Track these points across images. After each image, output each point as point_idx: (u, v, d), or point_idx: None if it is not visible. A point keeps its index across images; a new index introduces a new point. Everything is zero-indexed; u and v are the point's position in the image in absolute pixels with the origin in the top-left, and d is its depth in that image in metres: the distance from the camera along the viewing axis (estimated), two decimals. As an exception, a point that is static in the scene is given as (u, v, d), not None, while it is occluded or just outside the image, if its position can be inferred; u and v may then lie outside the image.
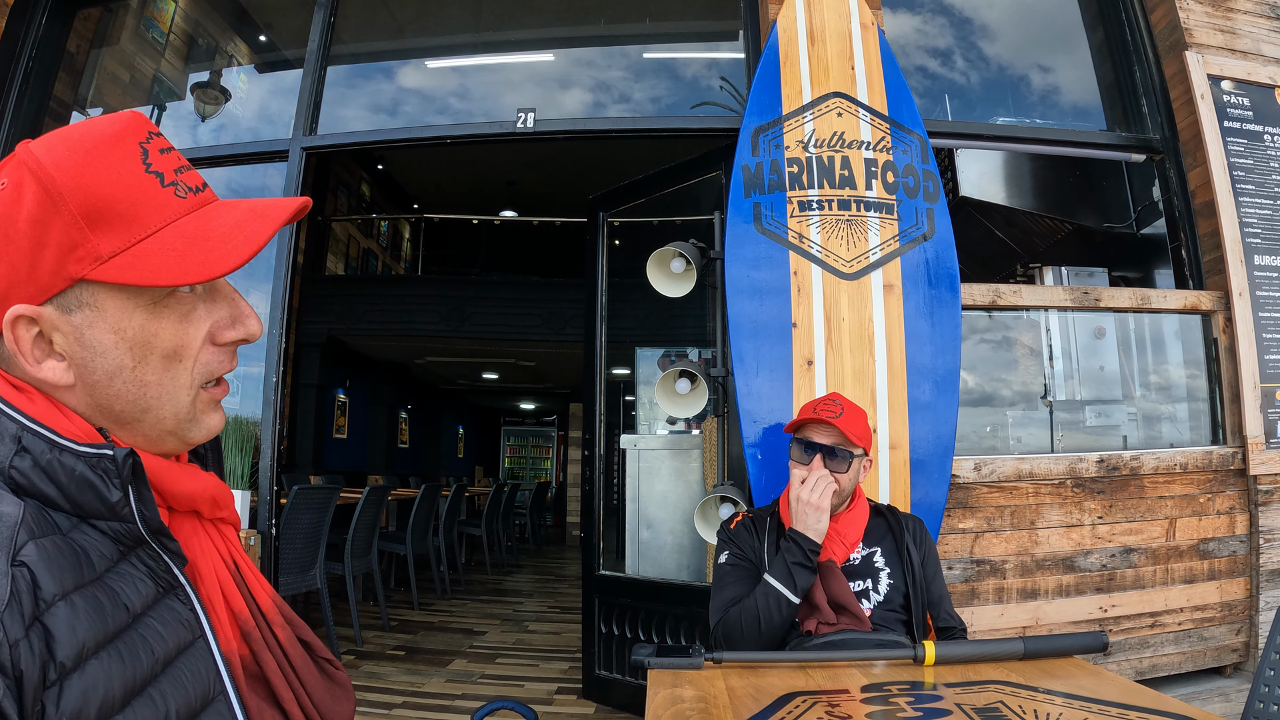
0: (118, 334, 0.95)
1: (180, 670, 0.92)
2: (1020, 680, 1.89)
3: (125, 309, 0.95)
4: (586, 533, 5.35)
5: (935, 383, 3.74)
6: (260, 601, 1.10)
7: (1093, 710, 1.65)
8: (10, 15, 5.44)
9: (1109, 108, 5.03)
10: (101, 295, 0.94)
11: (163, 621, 0.92)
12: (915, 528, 2.85)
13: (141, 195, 0.94)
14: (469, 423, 25.58)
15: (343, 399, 15.17)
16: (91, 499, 0.89)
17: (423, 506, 8.66)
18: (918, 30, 5.08)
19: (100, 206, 0.90)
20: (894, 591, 2.70)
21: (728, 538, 2.92)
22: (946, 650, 2.05)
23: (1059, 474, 4.02)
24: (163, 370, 0.99)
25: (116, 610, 0.87)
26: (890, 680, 1.92)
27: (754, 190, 3.93)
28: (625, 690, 4.88)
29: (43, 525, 0.86)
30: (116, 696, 0.83)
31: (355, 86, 5.65)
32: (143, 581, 0.92)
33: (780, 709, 1.70)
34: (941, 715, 1.63)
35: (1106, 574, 4.02)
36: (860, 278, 3.81)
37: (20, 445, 0.89)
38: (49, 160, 0.89)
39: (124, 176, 0.93)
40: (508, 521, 13.26)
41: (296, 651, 1.11)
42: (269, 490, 4.46)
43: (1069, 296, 4.30)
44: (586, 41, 5.83)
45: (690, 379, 4.23)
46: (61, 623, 0.80)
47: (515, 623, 7.97)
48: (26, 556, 0.81)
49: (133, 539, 0.93)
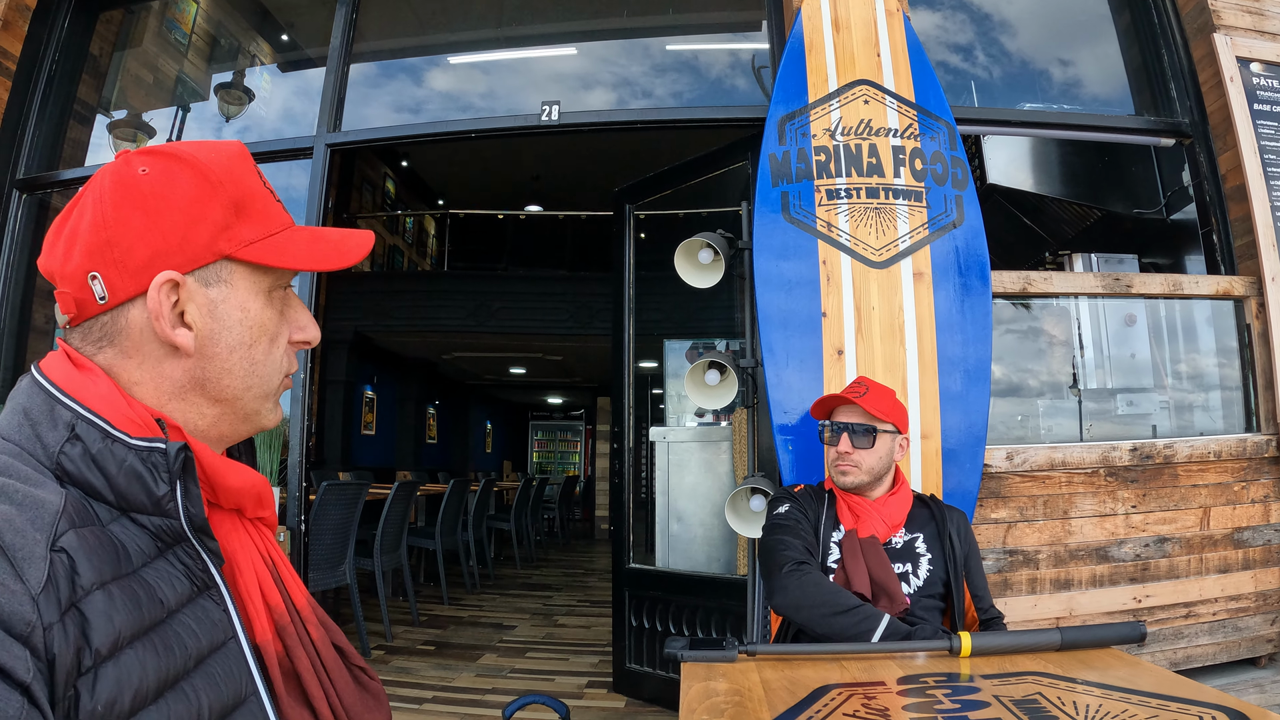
0: (244, 312, 1.05)
1: (213, 668, 0.92)
2: (1058, 671, 1.86)
3: (251, 291, 1.06)
4: (616, 526, 5.34)
5: (966, 371, 3.71)
6: (296, 601, 1.11)
7: (1132, 701, 1.63)
8: (33, 18, 5.48)
9: (1137, 92, 4.97)
10: (237, 275, 1.04)
11: (196, 620, 0.93)
12: (959, 520, 2.85)
13: (268, 201, 1.08)
14: (497, 418, 25.65)
15: (370, 395, 15.24)
16: (138, 491, 0.91)
17: (452, 502, 8.68)
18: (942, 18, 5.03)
19: (245, 200, 1.03)
20: (933, 578, 2.70)
21: (789, 496, 2.93)
22: (983, 641, 2.02)
23: (1092, 463, 3.98)
24: (266, 352, 1.09)
25: (152, 604, 0.88)
26: (927, 672, 1.90)
27: (781, 179, 3.90)
28: (656, 683, 4.87)
29: (83, 515, 0.87)
30: (150, 687, 0.83)
31: (379, 86, 5.66)
32: (179, 580, 0.93)
33: (816, 701, 1.69)
34: (979, 707, 1.61)
35: (1140, 564, 3.98)
36: (890, 266, 3.78)
37: (73, 433, 0.91)
38: (198, 155, 1.01)
39: (257, 184, 1.07)
40: (536, 516, 13.27)
41: (329, 654, 1.12)
42: (298, 486, 4.47)
43: (1100, 283, 4.25)
44: (609, 34, 5.81)
45: (719, 370, 4.21)
46: (98, 610, 0.81)
47: (545, 616, 7.98)
48: (66, 543, 0.82)
49: (173, 535, 0.94)
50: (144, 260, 0.97)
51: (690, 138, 4.94)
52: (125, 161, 0.99)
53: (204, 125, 6.14)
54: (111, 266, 0.96)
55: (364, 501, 6.48)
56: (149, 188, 0.97)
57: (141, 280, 0.97)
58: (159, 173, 0.98)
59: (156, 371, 1.01)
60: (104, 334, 1.00)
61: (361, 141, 5.07)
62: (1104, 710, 1.56)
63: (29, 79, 5.50)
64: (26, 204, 5.46)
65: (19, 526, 0.79)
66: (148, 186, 0.97)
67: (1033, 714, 1.54)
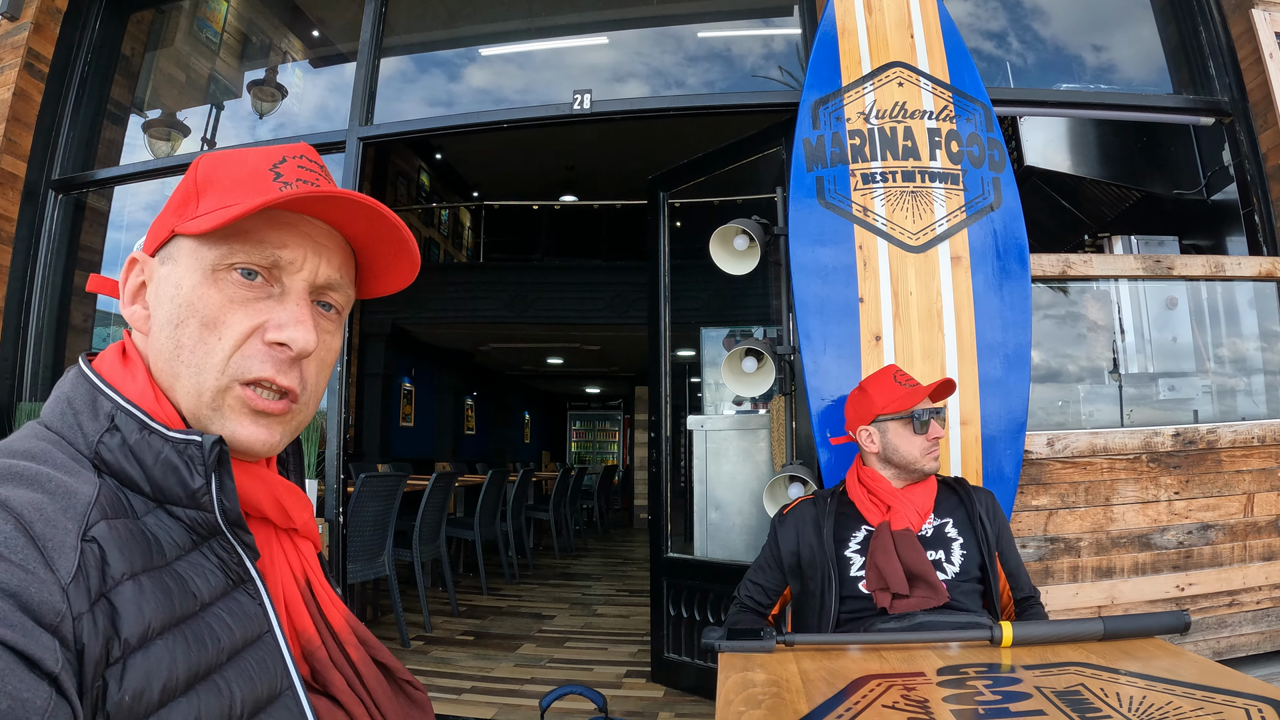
0: (175, 289, 1.00)
1: (247, 662, 0.91)
2: (1100, 661, 1.83)
3: (189, 268, 1.00)
4: (654, 515, 5.33)
5: (1006, 356, 3.67)
6: (332, 620, 1.10)
7: (1175, 693, 1.59)
8: (64, 21, 5.54)
9: (1175, 70, 4.89)
10: (182, 251, 1.01)
11: (230, 613, 0.92)
12: (987, 500, 2.84)
13: (249, 178, 1.02)
14: (535, 409, 25.75)
15: (408, 388, 15.31)
16: (173, 483, 0.92)
17: (490, 492, 8.70)
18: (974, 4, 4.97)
19: (213, 179, 1.02)
20: (969, 562, 2.68)
21: (772, 528, 2.99)
22: (1024, 631, 1.99)
23: (1134, 448, 3.92)
24: (197, 338, 0.98)
25: (184, 597, 0.88)
26: (967, 662, 1.87)
27: (816, 164, 3.88)
28: (694, 673, 4.86)
29: (116, 507, 0.88)
30: (180, 679, 0.83)
31: (411, 81, 5.67)
32: (213, 573, 0.93)
33: (855, 692, 1.67)
34: (1021, 698, 1.58)
35: (1183, 551, 3.92)
36: (927, 250, 3.74)
37: (113, 423, 0.93)
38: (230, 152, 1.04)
39: (246, 163, 1.03)
40: (575, 506, 13.28)
41: (370, 671, 1.10)
42: (335, 479, 4.49)
43: (1140, 265, 4.19)
44: (639, 23, 5.79)
45: (756, 357, 4.19)
46: (128, 600, 0.81)
47: (584, 606, 7.99)
48: (97, 533, 0.82)
49: (208, 529, 0.94)
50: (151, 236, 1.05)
51: (722, 127, 4.90)
52: None
53: (238, 123, 6.18)
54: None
55: (402, 493, 6.50)
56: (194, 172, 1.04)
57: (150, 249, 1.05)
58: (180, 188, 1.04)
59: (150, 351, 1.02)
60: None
61: (393, 134, 5.08)
62: (1147, 702, 1.53)
63: (62, 80, 5.56)
64: (63, 204, 5.52)
65: (50, 515, 0.79)
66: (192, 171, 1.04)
67: (1075, 706, 1.51)
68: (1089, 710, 1.48)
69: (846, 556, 2.72)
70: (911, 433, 2.79)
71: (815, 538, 2.79)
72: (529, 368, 21.11)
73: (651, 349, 5.50)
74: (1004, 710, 1.53)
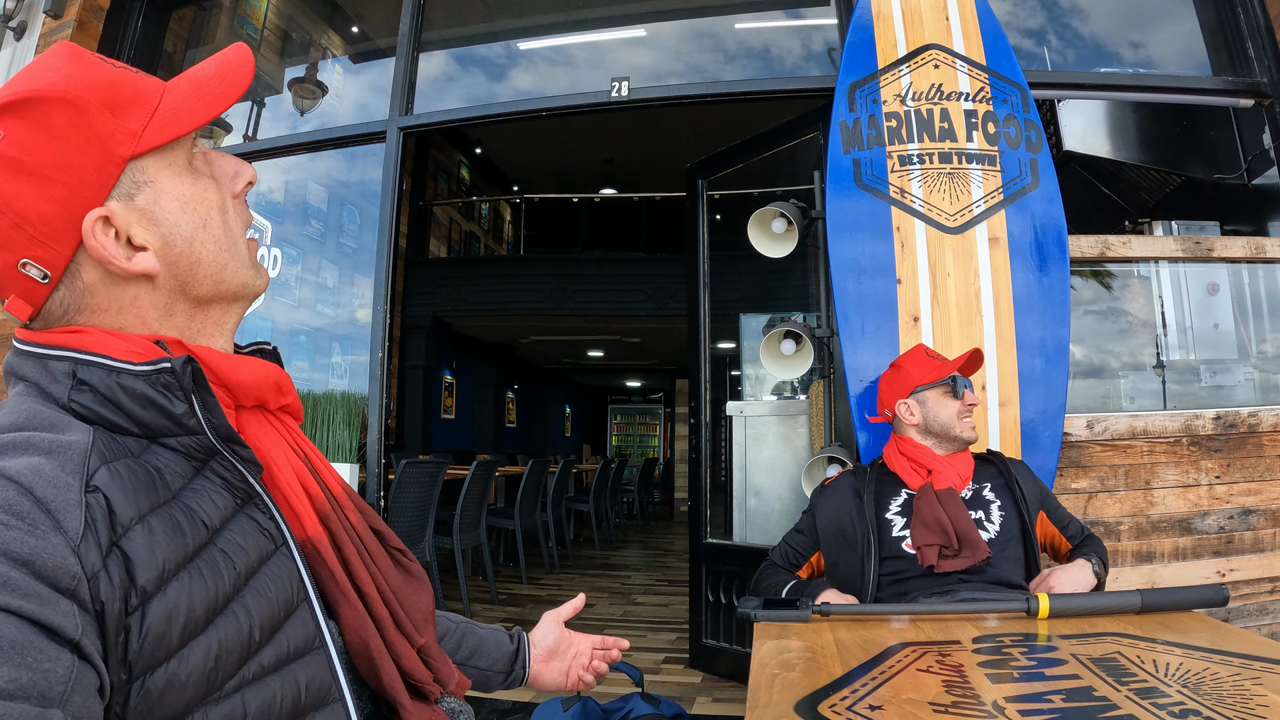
0: (180, 200, 0.99)
1: (263, 581, 0.92)
2: (1138, 633, 1.82)
3: (175, 176, 1.00)
4: (693, 501, 5.35)
5: (1044, 337, 3.65)
6: (332, 488, 1.10)
7: (1214, 660, 1.58)
8: (106, 18, 5.62)
9: (1214, 52, 4.81)
10: (152, 169, 0.97)
11: (242, 534, 0.93)
12: (1020, 467, 2.93)
13: (127, 80, 0.97)
14: (575, 401, 25.78)
15: (450, 380, 15.38)
16: (157, 416, 0.91)
17: (530, 483, 8.74)
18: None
19: (111, 96, 0.94)
20: (1008, 524, 2.71)
21: (811, 500, 3.07)
22: (1061, 603, 1.99)
23: (1174, 431, 3.88)
24: (221, 224, 1.04)
25: (195, 528, 0.87)
26: (1003, 632, 1.87)
27: (853, 147, 3.87)
28: (732, 659, 4.86)
29: (114, 449, 0.87)
30: (199, 616, 0.83)
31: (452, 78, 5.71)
32: (219, 494, 0.93)
33: (890, 658, 1.67)
34: (1057, 664, 1.58)
35: (1224, 536, 3.87)
36: (964, 231, 3.72)
37: (76, 379, 0.90)
38: (37, 86, 0.90)
39: (106, 70, 0.96)
40: (615, 498, 13.30)
41: (369, 537, 1.12)
42: (376, 464, 4.54)
43: (1180, 247, 4.14)
44: (676, 14, 5.79)
45: (795, 339, 4.19)
46: (140, 546, 0.81)
47: (623, 595, 8.02)
48: (100, 482, 0.82)
49: (205, 451, 0.93)
50: (59, 216, 0.91)
51: (759, 115, 4.90)
52: None
53: (278, 120, 6.24)
54: (33, 244, 0.91)
55: (443, 481, 6.55)
56: (16, 148, 0.89)
57: (71, 237, 0.92)
58: (14, 127, 0.89)
59: (135, 309, 0.99)
60: (67, 307, 0.96)
61: (433, 124, 5.12)
62: (1185, 669, 1.52)
63: (105, 78, 5.64)
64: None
65: (50, 475, 0.79)
66: (14, 148, 0.89)
67: (1111, 671, 1.51)
68: (1125, 676, 1.48)
69: (888, 519, 2.77)
70: (951, 398, 2.85)
71: (855, 505, 2.82)
72: (569, 361, 21.18)
73: (691, 334, 5.51)
74: (1039, 674, 1.53)
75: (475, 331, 15.65)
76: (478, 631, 1.62)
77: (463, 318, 14.14)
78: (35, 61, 0.96)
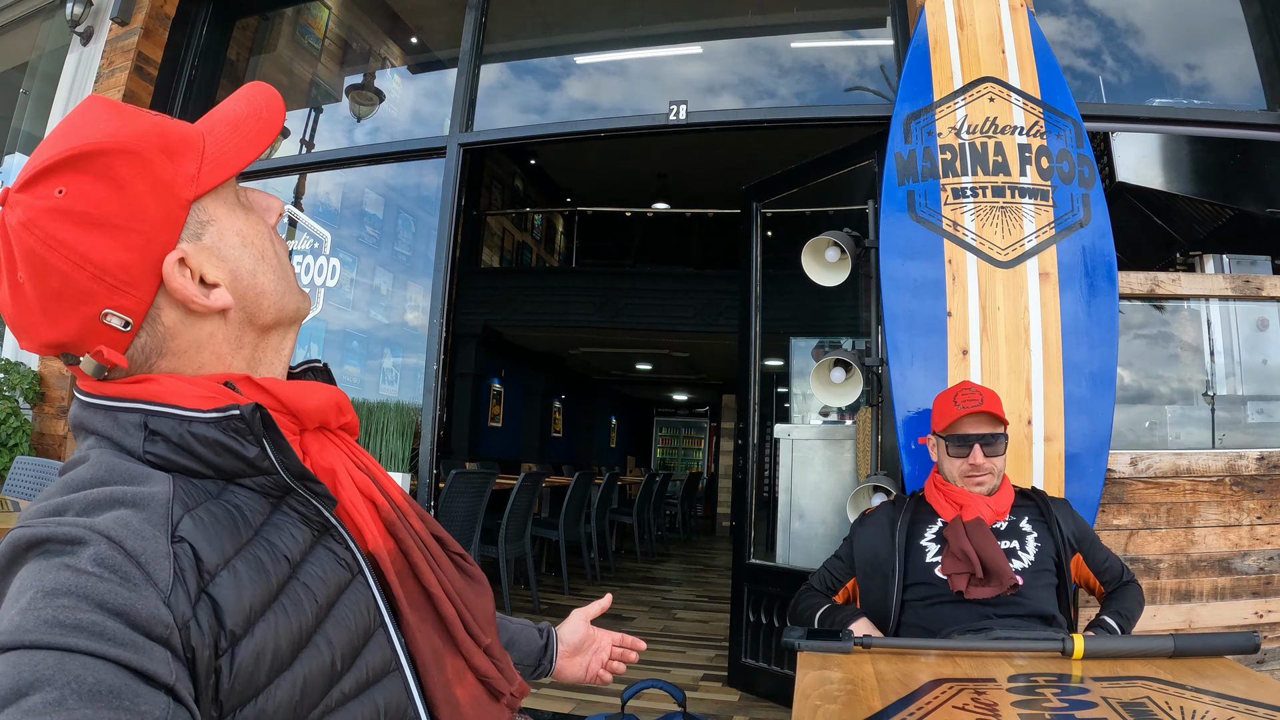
0: (240, 235, 1.04)
1: (342, 610, 0.97)
2: (1169, 678, 1.85)
3: (230, 213, 1.04)
4: (738, 521, 5.38)
5: (1091, 374, 3.66)
6: (394, 498, 1.14)
7: (1239, 710, 1.61)
8: (172, 26, 5.78)
9: (1269, 86, 4.80)
10: (211, 209, 1.01)
11: (320, 565, 0.97)
12: (1061, 506, 2.94)
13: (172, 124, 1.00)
14: (621, 413, 25.78)
15: (498, 388, 15.49)
16: (231, 460, 0.93)
17: (576, 494, 8.80)
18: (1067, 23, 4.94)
19: (164, 143, 0.96)
20: (1043, 555, 2.74)
21: (853, 528, 3.12)
22: (1095, 645, 2.02)
23: (1218, 471, 3.87)
24: (275, 254, 1.09)
25: (277, 564, 0.92)
26: (1037, 672, 1.91)
27: (907, 178, 3.90)
28: (771, 679, 4.89)
29: (194, 495, 0.91)
30: (285, 653, 0.88)
31: (507, 87, 5.79)
32: (297, 528, 0.97)
33: (927, 694, 1.72)
34: (1087, 707, 1.62)
35: (1264, 577, 3.85)
36: (1015, 266, 3.74)
37: (148, 430, 0.93)
38: (94, 140, 0.91)
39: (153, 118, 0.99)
40: (659, 511, 13.32)
41: (432, 544, 1.16)
42: (429, 474, 4.62)
43: (1229, 285, 4.13)
44: (733, 33, 5.83)
45: (845, 368, 4.23)
46: (227, 591, 0.85)
47: (663, 610, 8.04)
48: (185, 531, 0.85)
49: (280, 489, 0.97)
50: (138, 263, 0.93)
51: (814, 139, 4.94)
52: (31, 198, 0.90)
53: (335, 127, 6.36)
54: (114, 294, 0.92)
55: (491, 490, 6.62)
56: (85, 202, 0.90)
57: (150, 282, 0.94)
58: (75, 182, 0.90)
59: (211, 345, 1.02)
60: (150, 352, 0.98)
61: (493, 141, 5.21)
62: (1211, 717, 1.56)
63: (170, 83, 5.80)
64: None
65: (137, 529, 0.82)
66: (81, 202, 0.89)
67: (1140, 717, 1.54)
68: (1155, 721, 1.52)
69: (921, 545, 2.82)
70: (947, 454, 2.88)
71: (889, 533, 2.88)
72: (617, 373, 21.21)
73: (741, 356, 5.54)
74: (1070, 717, 1.57)
75: (525, 341, 15.74)
76: (509, 626, 1.70)
77: (513, 327, 14.24)
78: (72, 117, 0.97)
